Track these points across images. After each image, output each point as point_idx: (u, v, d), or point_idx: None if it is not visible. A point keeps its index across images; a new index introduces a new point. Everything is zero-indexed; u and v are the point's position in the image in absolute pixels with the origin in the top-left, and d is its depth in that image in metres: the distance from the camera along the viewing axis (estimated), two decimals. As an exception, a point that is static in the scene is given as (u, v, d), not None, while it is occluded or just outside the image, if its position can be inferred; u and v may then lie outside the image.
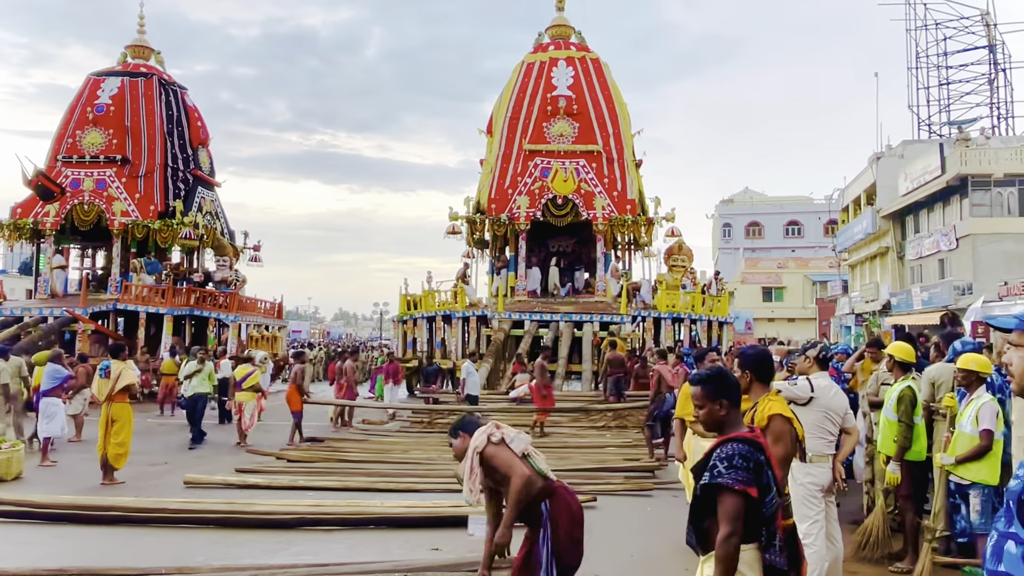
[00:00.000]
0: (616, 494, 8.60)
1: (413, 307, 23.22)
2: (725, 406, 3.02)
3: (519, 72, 24.34)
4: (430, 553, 6.14)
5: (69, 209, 22.72)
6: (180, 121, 24.71)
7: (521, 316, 21.10)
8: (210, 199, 25.69)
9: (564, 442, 12.04)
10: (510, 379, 17.32)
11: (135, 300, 21.33)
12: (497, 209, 22.66)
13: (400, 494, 8.33)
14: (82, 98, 24.08)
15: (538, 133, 23.42)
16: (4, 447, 9.82)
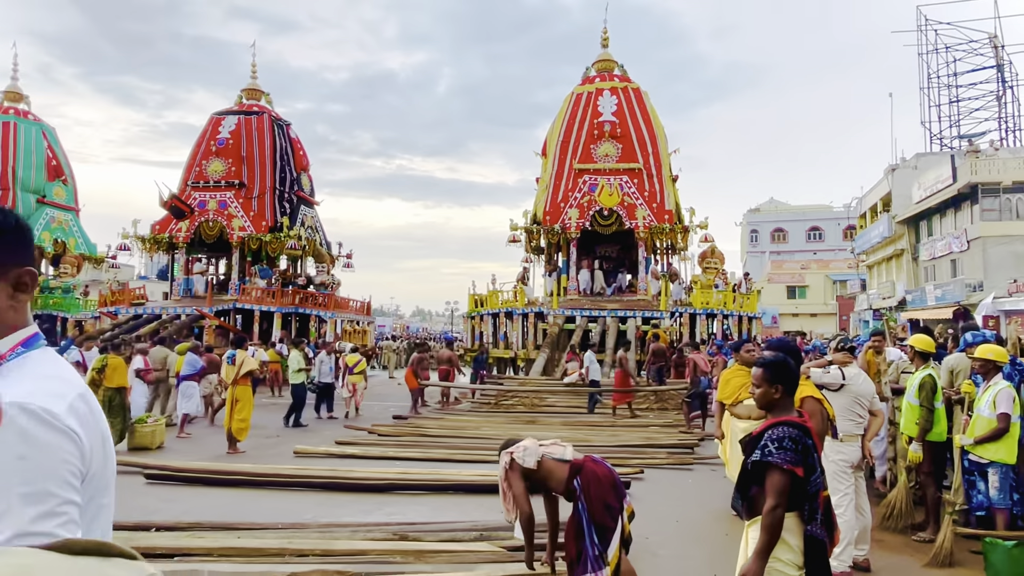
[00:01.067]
0: (661, 467, 8.49)
1: (480, 305, 23.35)
2: (780, 391, 2.95)
3: (569, 101, 24.23)
4: (501, 515, 6.17)
5: (197, 226, 23.63)
6: (286, 151, 25.44)
7: (572, 312, 21.00)
8: (311, 215, 26.37)
9: (613, 421, 11.93)
10: (563, 367, 17.27)
11: (251, 300, 22.05)
12: (551, 220, 22.62)
13: (474, 464, 8.39)
14: (207, 134, 25.03)
15: (586, 154, 23.28)
16: (150, 421, 10.32)
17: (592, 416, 12.51)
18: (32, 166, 27.08)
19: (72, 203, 29.16)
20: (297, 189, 25.61)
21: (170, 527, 5.48)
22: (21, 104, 28.05)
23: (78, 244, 28.84)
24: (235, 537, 5.22)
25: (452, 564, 4.65)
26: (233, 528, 5.51)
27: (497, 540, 5.16)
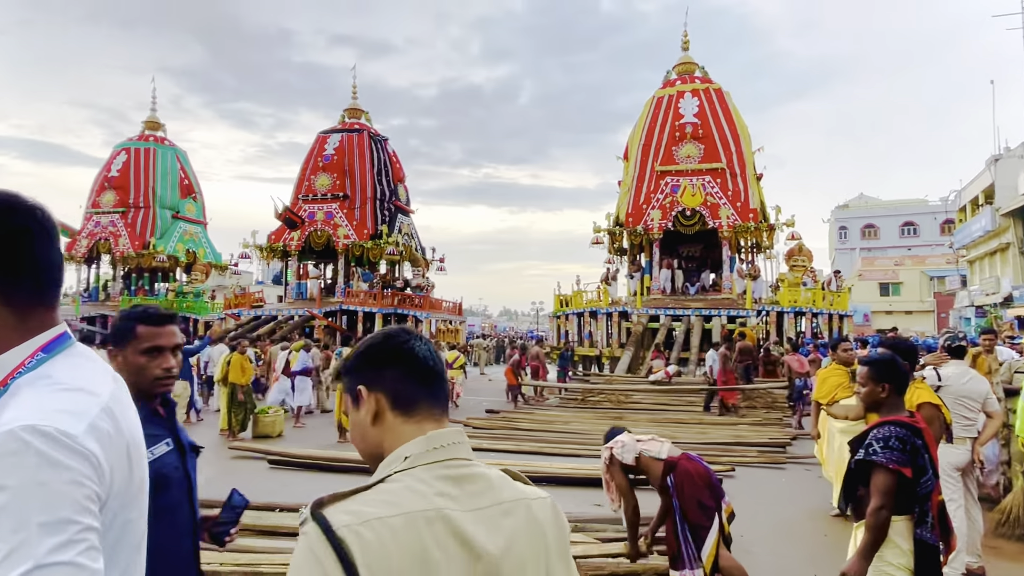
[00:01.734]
0: (751, 466, 8.13)
1: (565, 305, 23.28)
2: (887, 390, 2.75)
3: (650, 105, 23.72)
4: (593, 508, 6.11)
5: (307, 235, 24.92)
6: (384, 164, 26.38)
7: (656, 311, 20.52)
8: (407, 223, 27.20)
9: (699, 419, 11.56)
10: (649, 364, 16.90)
11: (355, 302, 23.00)
12: (634, 222, 22.22)
13: (564, 458, 8.36)
14: (314, 151, 26.35)
15: (668, 156, 22.71)
16: (271, 412, 10.96)
17: (679, 413, 12.17)
18: (168, 186, 29.46)
19: (201, 217, 31.48)
20: (394, 199, 26.48)
21: (291, 508, 5.79)
22: (159, 132, 30.59)
23: (206, 254, 31.10)
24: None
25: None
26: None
27: (592, 532, 5.11)
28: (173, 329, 1.92)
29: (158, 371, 1.86)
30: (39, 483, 0.86)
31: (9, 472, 0.86)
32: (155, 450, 1.81)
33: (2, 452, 0.86)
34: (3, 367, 0.98)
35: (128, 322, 1.88)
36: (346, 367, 1.11)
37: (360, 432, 1.08)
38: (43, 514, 0.85)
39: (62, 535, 0.85)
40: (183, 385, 10.40)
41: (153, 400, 1.89)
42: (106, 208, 28.39)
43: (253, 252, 26.13)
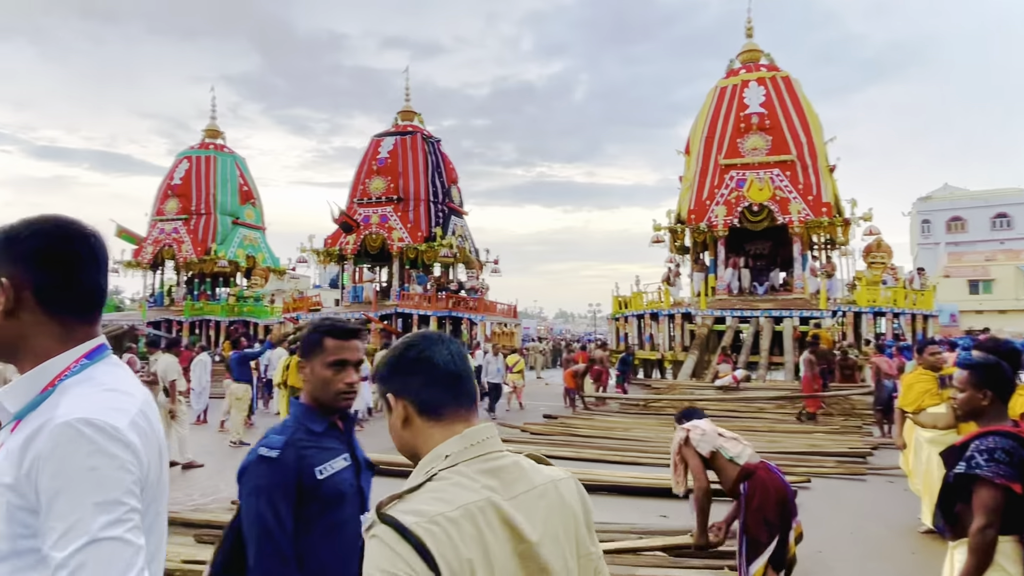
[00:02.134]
0: (829, 477, 7.80)
1: (624, 306, 22.99)
2: (989, 397, 2.57)
3: (712, 96, 23.17)
4: (659, 519, 5.99)
5: (362, 238, 25.54)
6: (437, 166, 26.75)
7: (722, 313, 20.00)
8: (460, 225, 27.49)
9: (771, 427, 11.18)
10: (714, 369, 16.49)
11: (410, 305, 23.40)
12: (696, 219, 21.74)
13: (626, 466, 8.24)
14: (368, 155, 26.98)
15: (732, 149, 22.11)
16: (328, 416, 11.26)
17: (749, 420, 11.81)
18: (228, 192, 30.77)
19: (260, 223, 32.73)
20: (448, 201, 26.81)
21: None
22: (218, 139, 32.01)
23: (265, 259, 32.29)
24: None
25: (610, 565, 4.57)
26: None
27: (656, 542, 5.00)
28: (358, 344, 1.95)
29: (341, 385, 1.90)
30: (92, 468, 1.01)
31: (66, 458, 1.01)
32: (333, 464, 1.85)
33: (60, 441, 1.01)
34: (51, 370, 1.14)
35: (316, 334, 1.93)
36: (378, 375, 1.25)
37: (395, 434, 1.24)
38: (96, 495, 1.00)
39: (112, 514, 1.00)
40: (244, 388, 10.82)
41: (333, 414, 1.93)
42: (169, 215, 29.89)
43: (310, 256, 26.98)
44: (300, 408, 1.93)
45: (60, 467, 1.00)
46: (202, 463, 8.64)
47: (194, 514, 5.91)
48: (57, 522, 0.98)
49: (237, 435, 10.29)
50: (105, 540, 0.98)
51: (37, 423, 1.06)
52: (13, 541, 1.03)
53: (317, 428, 1.88)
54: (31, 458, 1.02)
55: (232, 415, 10.59)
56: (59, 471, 1.00)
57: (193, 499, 6.96)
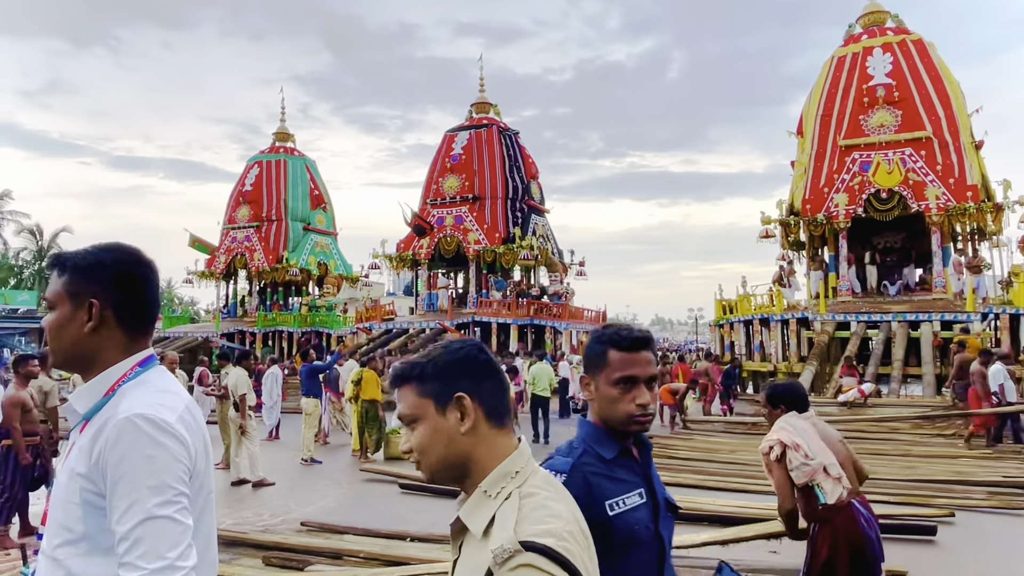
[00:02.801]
0: (978, 510, 7.23)
1: (729, 311, 22.32)
2: None
3: (829, 68, 22.14)
4: (768, 555, 5.75)
5: (436, 242, 26.14)
6: (516, 160, 27.01)
7: (846, 317, 19.01)
8: (541, 224, 27.61)
9: (906, 450, 10.49)
10: (837, 382, 15.69)
11: (488, 313, 23.71)
12: (812, 209, 20.80)
13: (731, 493, 7.97)
14: (441, 152, 27.62)
15: (854, 127, 21.02)
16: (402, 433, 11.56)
17: (879, 443, 11.14)
18: (299, 197, 32.37)
19: (331, 228, 34.20)
20: (527, 198, 26.98)
21: (423, 538, 6.04)
22: (288, 143, 33.74)
23: (337, 266, 33.69)
24: (482, 553, 5.56)
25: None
26: (480, 544, 5.87)
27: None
28: (648, 356, 1.78)
29: (631, 406, 1.73)
30: (148, 456, 1.32)
31: (128, 448, 1.32)
32: (626, 499, 1.69)
33: (122, 434, 1.33)
34: (112, 376, 1.46)
35: (599, 346, 1.80)
36: (435, 374, 1.27)
37: (444, 439, 1.25)
38: (151, 479, 1.30)
39: (163, 496, 1.30)
40: (314, 403, 11.30)
41: (625, 439, 1.78)
42: (241, 223, 31.75)
43: (383, 262, 27.90)
44: (588, 428, 1.80)
45: (122, 455, 1.31)
46: (273, 481, 9.08)
47: (263, 535, 6.21)
48: (120, 501, 1.29)
49: (308, 452, 10.74)
50: (158, 518, 1.28)
51: (102, 420, 1.37)
52: (86, 524, 1.33)
53: (608, 454, 1.74)
54: (98, 449, 1.34)
55: (303, 431, 11.07)
56: (121, 459, 1.31)
57: (263, 519, 7.32)
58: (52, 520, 1.38)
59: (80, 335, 1.45)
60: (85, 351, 1.46)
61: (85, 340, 1.45)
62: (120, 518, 1.28)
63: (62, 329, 1.45)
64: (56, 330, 1.46)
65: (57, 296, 1.46)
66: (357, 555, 5.54)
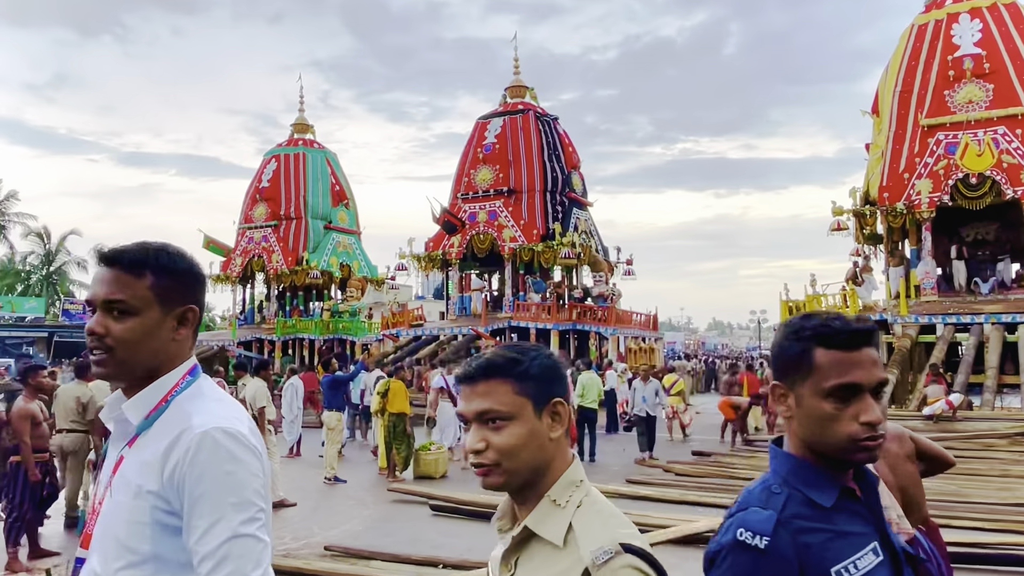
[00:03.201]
0: (1090, 539, 6.95)
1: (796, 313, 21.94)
2: None
3: (908, 38, 21.60)
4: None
5: (468, 239, 26.23)
6: (555, 148, 26.95)
7: (931, 319, 18.53)
8: (584, 219, 27.50)
9: (1005, 470, 10.16)
10: (921, 393, 15.31)
11: (526, 317, 23.71)
12: (891, 198, 20.31)
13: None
14: (472, 141, 27.72)
15: (938, 104, 20.47)
16: (432, 449, 11.63)
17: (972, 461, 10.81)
18: (319, 193, 32.81)
19: (354, 227, 34.59)
20: (568, 190, 26.89)
21: (457, 565, 6.06)
22: (307, 134, 34.22)
23: (361, 267, 34.05)
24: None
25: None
26: (520, 572, 5.86)
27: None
28: (873, 356, 1.44)
29: (854, 427, 1.38)
30: (228, 472, 1.36)
31: (208, 464, 1.36)
32: (858, 562, 1.36)
33: (201, 449, 1.36)
34: (165, 386, 1.49)
35: (799, 343, 1.44)
36: (539, 374, 1.35)
37: (538, 443, 1.34)
38: (233, 496, 1.35)
39: (247, 513, 1.35)
40: (336, 417, 11.44)
41: (844, 471, 1.44)
42: (258, 222, 32.30)
43: (410, 263, 28.09)
44: (789, 463, 1.45)
45: (203, 472, 1.35)
46: (294, 502, 9.22)
47: (284, 560, 6.30)
48: (200, 520, 1.34)
49: (331, 470, 10.88)
50: (243, 536, 1.33)
51: (174, 433, 1.40)
52: (155, 544, 1.37)
53: (824, 499, 1.40)
54: (172, 464, 1.37)
55: (326, 448, 11.22)
56: (203, 475, 1.35)
57: (284, 543, 7.43)
58: (110, 541, 1.40)
59: (166, 343, 1.49)
60: (163, 360, 1.49)
61: (168, 349, 1.50)
62: (202, 537, 1.33)
63: (148, 337, 1.46)
64: (139, 339, 1.45)
65: (142, 300, 1.45)
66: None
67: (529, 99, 28.28)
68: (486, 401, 1.34)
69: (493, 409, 1.33)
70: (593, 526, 1.28)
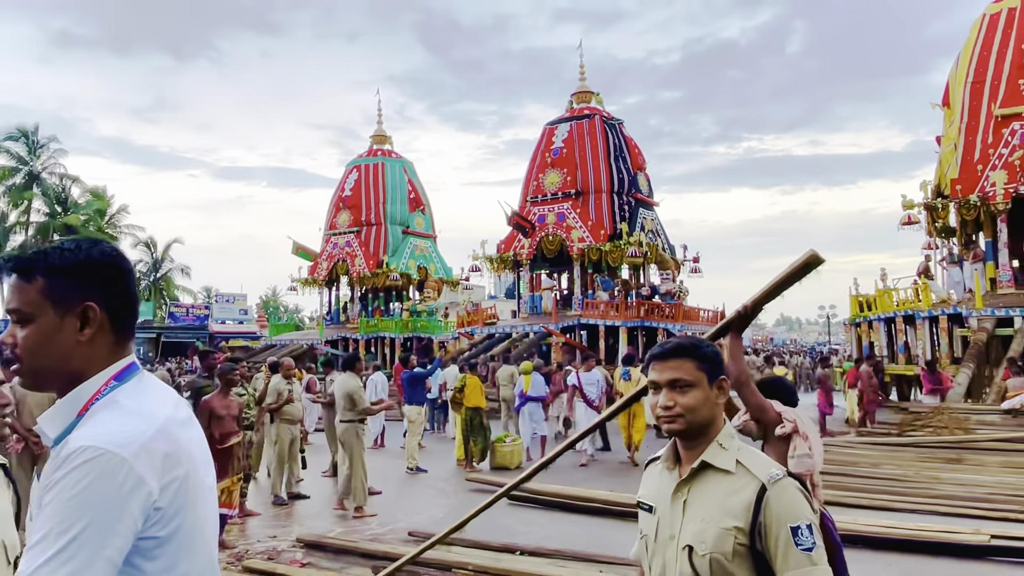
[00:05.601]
0: None
1: (866, 308, 21.11)
2: None
3: (979, 28, 20.48)
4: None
5: (538, 241, 26.25)
6: (621, 151, 26.70)
7: (1008, 312, 17.52)
8: (650, 218, 27.15)
9: (1089, 465, 9.52)
10: (999, 387, 14.49)
11: (594, 315, 23.54)
12: (964, 190, 19.30)
13: (872, 511, 7.53)
14: (540, 146, 27.72)
15: (1013, 93, 19.33)
16: (507, 441, 11.69)
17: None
18: (397, 200, 33.45)
19: (430, 231, 35.12)
20: (634, 191, 26.60)
21: (532, 552, 6.08)
22: (386, 145, 34.93)
23: (437, 269, 34.55)
24: (596, 571, 5.53)
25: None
26: (595, 560, 5.86)
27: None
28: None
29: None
30: (70, 498, 1.15)
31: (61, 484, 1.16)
32: None
33: (63, 464, 1.18)
34: (84, 394, 1.31)
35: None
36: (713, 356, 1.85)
37: (710, 405, 1.82)
38: (63, 523, 1.13)
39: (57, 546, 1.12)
40: (417, 411, 11.63)
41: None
42: (342, 229, 33.17)
43: (483, 264, 28.32)
44: None
45: (56, 492, 1.17)
46: (380, 490, 9.42)
47: (371, 544, 6.46)
48: (30, 538, 1.17)
49: (413, 461, 11.07)
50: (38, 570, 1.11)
51: (58, 451, 1.23)
52: None
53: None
54: (44, 484, 1.21)
55: (407, 440, 11.42)
56: (50, 491, 1.18)
57: (371, 528, 7.61)
58: None
59: (72, 348, 1.31)
60: (78, 366, 1.32)
61: (78, 353, 1.32)
62: (24, 555, 1.15)
63: (48, 343, 1.30)
64: (37, 346, 1.30)
65: (35, 305, 1.30)
66: (466, 567, 5.64)
67: (595, 104, 28.10)
68: (677, 372, 1.80)
69: (682, 379, 1.80)
70: (758, 460, 1.78)
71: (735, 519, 1.69)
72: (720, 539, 1.69)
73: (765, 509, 1.66)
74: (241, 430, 7.38)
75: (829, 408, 14.95)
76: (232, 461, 7.06)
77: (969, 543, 6.09)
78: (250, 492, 8.94)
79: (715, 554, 1.69)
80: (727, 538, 1.68)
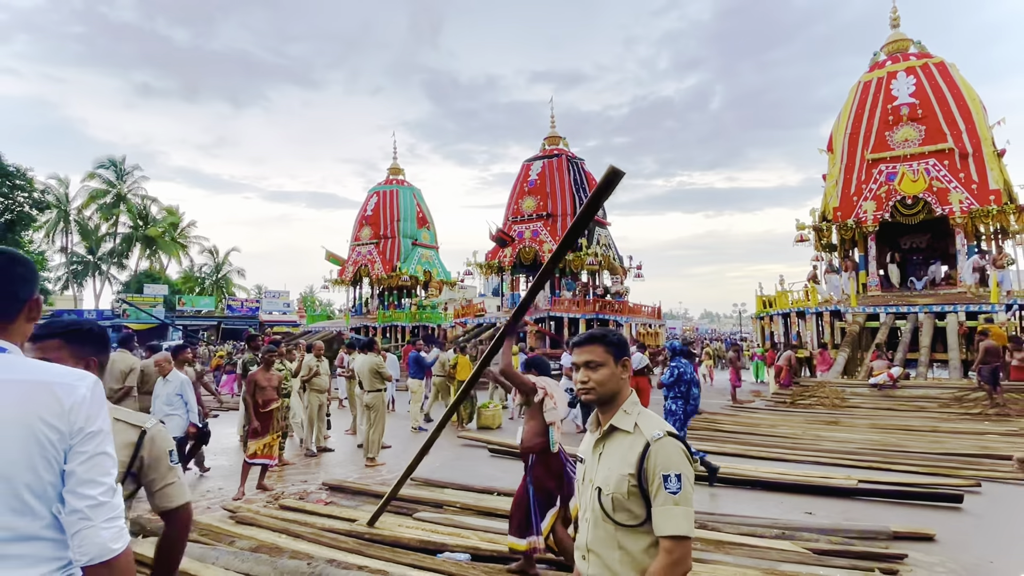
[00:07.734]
0: (1005, 482, 6.57)
1: (768, 306, 21.29)
2: None
3: (856, 92, 20.74)
4: (804, 516, 5.43)
5: (517, 252, 26.21)
6: (581, 183, 26.73)
7: (875, 310, 17.75)
8: (604, 235, 27.20)
9: (934, 426, 9.68)
10: (868, 367, 14.68)
11: (561, 309, 23.56)
12: (843, 216, 19.53)
13: (769, 462, 7.59)
14: (520, 178, 27.65)
15: (880, 142, 19.60)
16: (490, 407, 11.64)
17: (908, 419, 10.33)
18: (408, 219, 33.21)
19: (434, 243, 34.90)
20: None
21: (507, 493, 6.05)
22: (399, 176, 34.67)
23: (439, 273, 34.35)
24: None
25: (753, 559, 4.19)
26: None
27: (801, 540, 4.53)
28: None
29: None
30: None
31: None
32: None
33: None
34: None
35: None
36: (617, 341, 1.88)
37: (616, 379, 1.86)
38: None
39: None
40: (418, 383, 11.55)
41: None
42: (365, 241, 32.88)
43: (475, 269, 28.22)
44: None
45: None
46: (390, 444, 9.34)
47: (381, 487, 6.40)
48: None
49: (416, 422, 11.01)
50: None
51: None
52: None
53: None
54: None
55: (411, 406, 11.34)
56: None
57: (382, 475, 7.53)
58: None
59: None
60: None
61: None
62: None
63: None
64: None
65: None
66: (455, 505, 5.61)
67: (562, 146, 28.10)
68: (590, 355, 1.84)
69: (593, 360, 1.83)
70: (650, 422, 1.78)
71: (630, 467, 1.73)
72: (619, 482, 1.74)
73: (647, 460, 1.70)
74: (280, 398, 7.27)
75: (739, 382, 15.06)
76: (273, 422, 6.95)
77: (842, 486, 6.15)
78: (286, 446, 8.82)
79: (616, 494, 1.74)
80: (624, 482, 1.73)
